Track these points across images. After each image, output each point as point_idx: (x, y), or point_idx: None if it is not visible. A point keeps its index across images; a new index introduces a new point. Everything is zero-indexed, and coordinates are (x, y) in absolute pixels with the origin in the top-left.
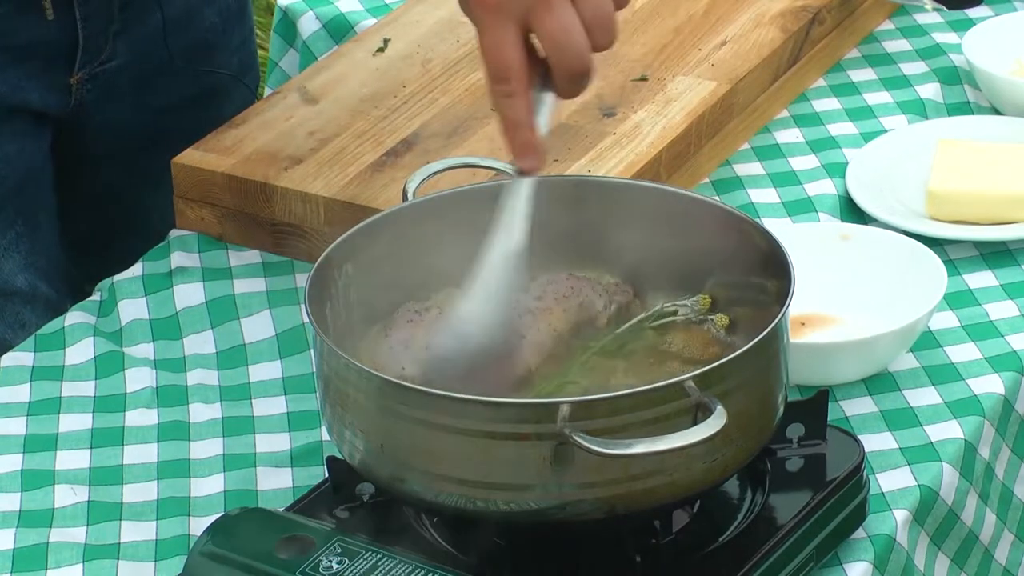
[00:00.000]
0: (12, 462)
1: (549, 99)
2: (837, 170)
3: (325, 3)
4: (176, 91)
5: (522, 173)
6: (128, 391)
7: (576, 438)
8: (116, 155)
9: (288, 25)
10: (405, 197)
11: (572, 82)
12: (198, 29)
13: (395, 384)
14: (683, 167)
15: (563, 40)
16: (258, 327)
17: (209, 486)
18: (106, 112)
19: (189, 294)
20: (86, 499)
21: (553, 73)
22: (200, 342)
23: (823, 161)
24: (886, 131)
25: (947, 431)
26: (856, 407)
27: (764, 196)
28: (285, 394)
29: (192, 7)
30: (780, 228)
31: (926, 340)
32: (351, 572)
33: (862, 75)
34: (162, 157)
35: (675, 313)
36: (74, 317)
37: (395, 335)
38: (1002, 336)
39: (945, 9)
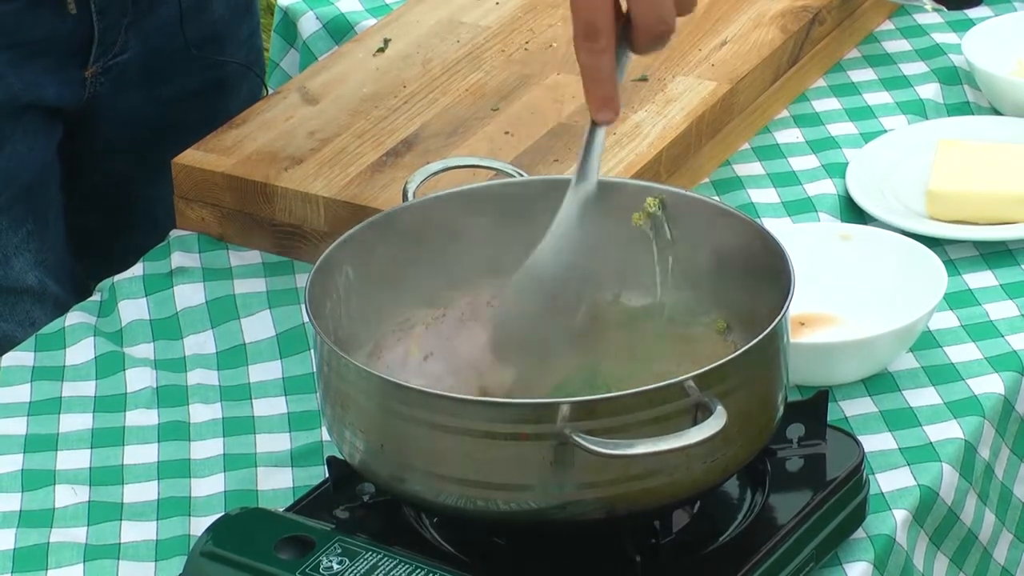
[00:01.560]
0: (12, 462)
1: (625, 54)
2: (837, 170)
3: (325, 3)
4: (186, 82)
5: (597, 124)
6: (128, 391)
7: (576, 438)
8: (125, 147)
9: (288, 25)
10: (405, 197)
11: (653, 41)
12: (207, 21)
13: (395, 384)
14: (683, 167)
15: (652, 2)
16: (258, 327)
17: (209, 486)
18: (117, 105)
19: (189, 294)
20: (86, 499)
21: (635, 32)
22: (200, 342)
23: (823, 161)
24: (886, 131)
25: (947, 431)
26: (856, 407)
27: (764, 196)
28: (285, 394)
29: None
30: (780, 228)
31: (926, 340)
32: (351, 572)
33: (862, 75)
34: (171, 149)
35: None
36: (74, 317)
37: (387, 356)
38: (1002, 336)
39: (945, 9)
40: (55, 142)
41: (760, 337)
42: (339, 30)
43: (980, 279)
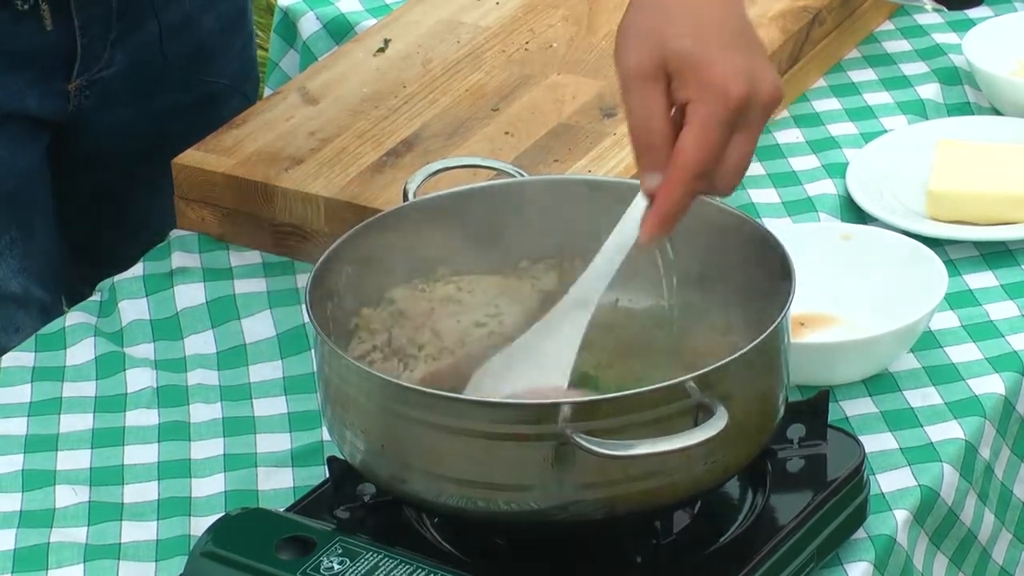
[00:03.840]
0: (13, 462)
1: None
2: (837, 170)
3: (325, 3)
4: (174, 97)
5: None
6: (129, 391)
7: (577, 439)
8: (113, 160)
9: (288, 25)
10: (405, 197)
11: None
12: (197, 35)
13: (395, 384)
14: None
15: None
16: (259, 327)
17: (210, 486)
18: (104, 118)
19: (190, 294)
20: (87, 499)
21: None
22: (200, 342)
23: (823, 161)
24: (886, 131)
25: (947, 431)
26: (856, 407)
27: (764, 196)
28: (286, 394)
29: (190, 14)
30: (780, 228)
31: (926, 340)
32: (352, 572)
33: (862, 75)
34: (159, 162)
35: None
36: (75, 317)
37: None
38: (1002, 336)
39: (945, 9)
40: (40, 150)
41: (760, 337)
42: (339, 30)
43: (980, 279)
